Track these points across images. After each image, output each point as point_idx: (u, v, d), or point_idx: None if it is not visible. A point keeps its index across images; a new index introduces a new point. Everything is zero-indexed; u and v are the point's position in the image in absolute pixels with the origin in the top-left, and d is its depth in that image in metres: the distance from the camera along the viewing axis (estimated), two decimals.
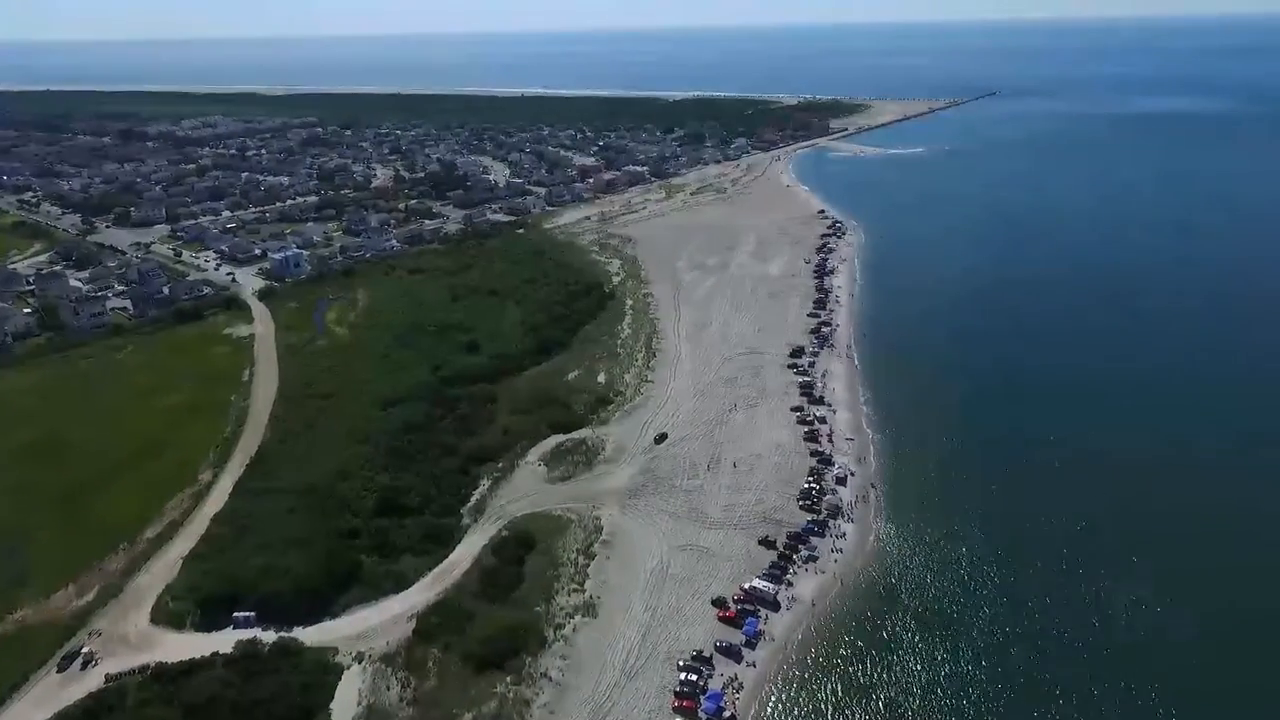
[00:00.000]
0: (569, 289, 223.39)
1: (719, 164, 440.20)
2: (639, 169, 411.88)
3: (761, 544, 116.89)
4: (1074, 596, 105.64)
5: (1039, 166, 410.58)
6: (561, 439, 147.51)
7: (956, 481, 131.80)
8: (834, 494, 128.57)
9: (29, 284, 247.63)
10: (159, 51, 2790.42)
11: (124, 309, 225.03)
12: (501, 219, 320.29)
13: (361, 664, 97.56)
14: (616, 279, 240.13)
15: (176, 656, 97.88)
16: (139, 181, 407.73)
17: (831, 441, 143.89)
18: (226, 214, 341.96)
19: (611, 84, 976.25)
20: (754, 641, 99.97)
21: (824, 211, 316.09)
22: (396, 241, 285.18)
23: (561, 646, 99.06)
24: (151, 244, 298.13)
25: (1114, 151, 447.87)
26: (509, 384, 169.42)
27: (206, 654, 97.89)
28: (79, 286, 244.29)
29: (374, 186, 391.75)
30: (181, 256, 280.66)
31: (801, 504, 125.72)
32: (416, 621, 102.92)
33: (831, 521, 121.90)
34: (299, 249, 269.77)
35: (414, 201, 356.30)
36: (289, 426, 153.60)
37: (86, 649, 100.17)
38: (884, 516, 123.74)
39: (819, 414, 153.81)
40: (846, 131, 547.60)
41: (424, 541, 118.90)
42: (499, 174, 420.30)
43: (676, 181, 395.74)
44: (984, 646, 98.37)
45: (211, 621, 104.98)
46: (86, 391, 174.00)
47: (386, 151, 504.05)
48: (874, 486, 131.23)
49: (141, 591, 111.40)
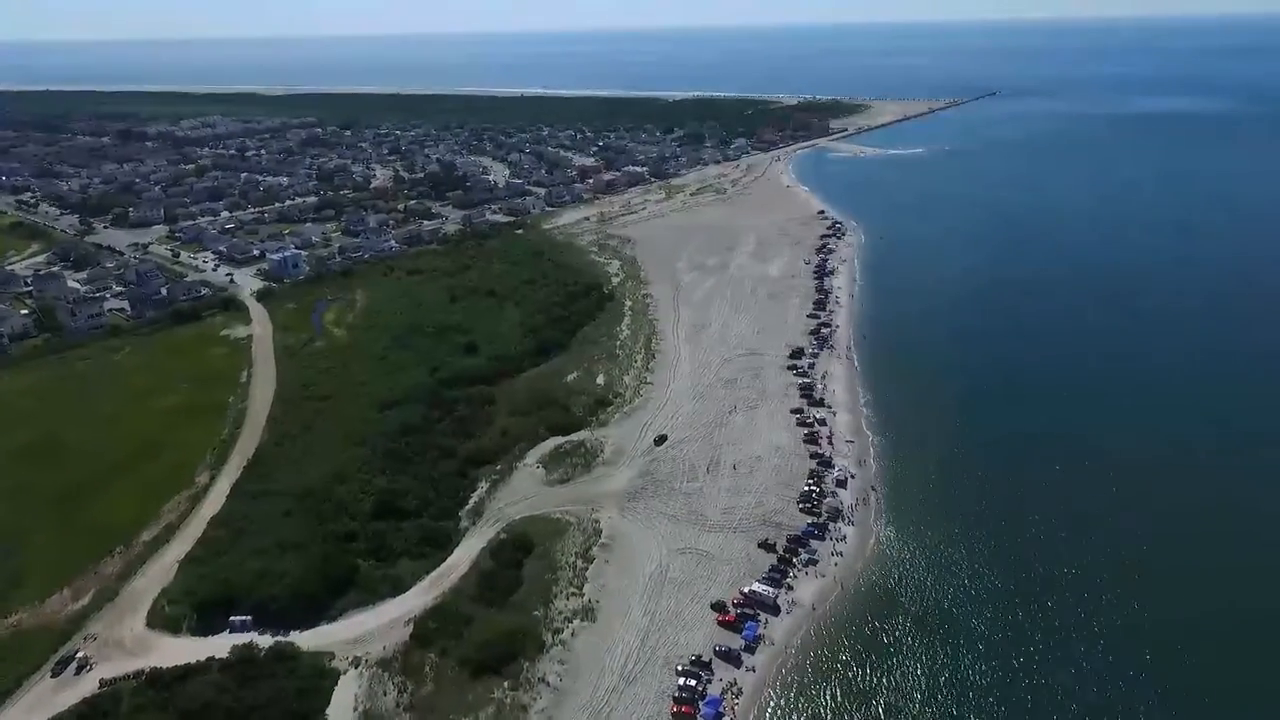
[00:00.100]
0: (568, 290, 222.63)
1: (719, 164, 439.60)
2: (639, 169, 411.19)
3: (761, 547, 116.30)
4: (1075, 600, 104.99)
5: (1039, 167, 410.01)
6: (560, 441, 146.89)
7: (957, 483, 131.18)
8: (834, 497, 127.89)
9: (27, 285, 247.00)
10: (158, 51, 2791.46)
11: (121, 310, 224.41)
12: (500, 219, 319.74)
13: (358, 669, 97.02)
14: (616, 280, 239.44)
15: (172, 661, 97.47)
16: (137, 182, 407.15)
17: (831, 443, 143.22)
18: (225, 214, 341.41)
19: (611, 84, 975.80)
20: (753, 646, 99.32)
21: (824, 212, 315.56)
22: (395, 242, 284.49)
23: (560, 651, 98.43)
24: (150, 244, 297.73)
25: (1114, 152, 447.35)
26: (507, 386, 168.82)
27: (202, 659, 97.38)
28: (77, 287, 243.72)
29: (373, 187, 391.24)
30: (180, 257, 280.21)
31: (801, 507, 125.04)
32: (413, 626, 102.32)
33: (831, 524, 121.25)
34: (297, 250, 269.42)
35: (413, 202, 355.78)
36: (286, 429, 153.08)
37: (81, 653, 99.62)
38: (884, 519, 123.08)
39: (819, 416, 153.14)
40: (846, 132, 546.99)
41: (421, 545, 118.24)
42: (498, 174, 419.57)
43: (676, 182, 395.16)
44: (984, 651, 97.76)
45: (208, 626, 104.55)
46: (83, 393, 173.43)
47: (386, 152, 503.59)
48: (874, 489, 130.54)
49: (137, 595, 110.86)
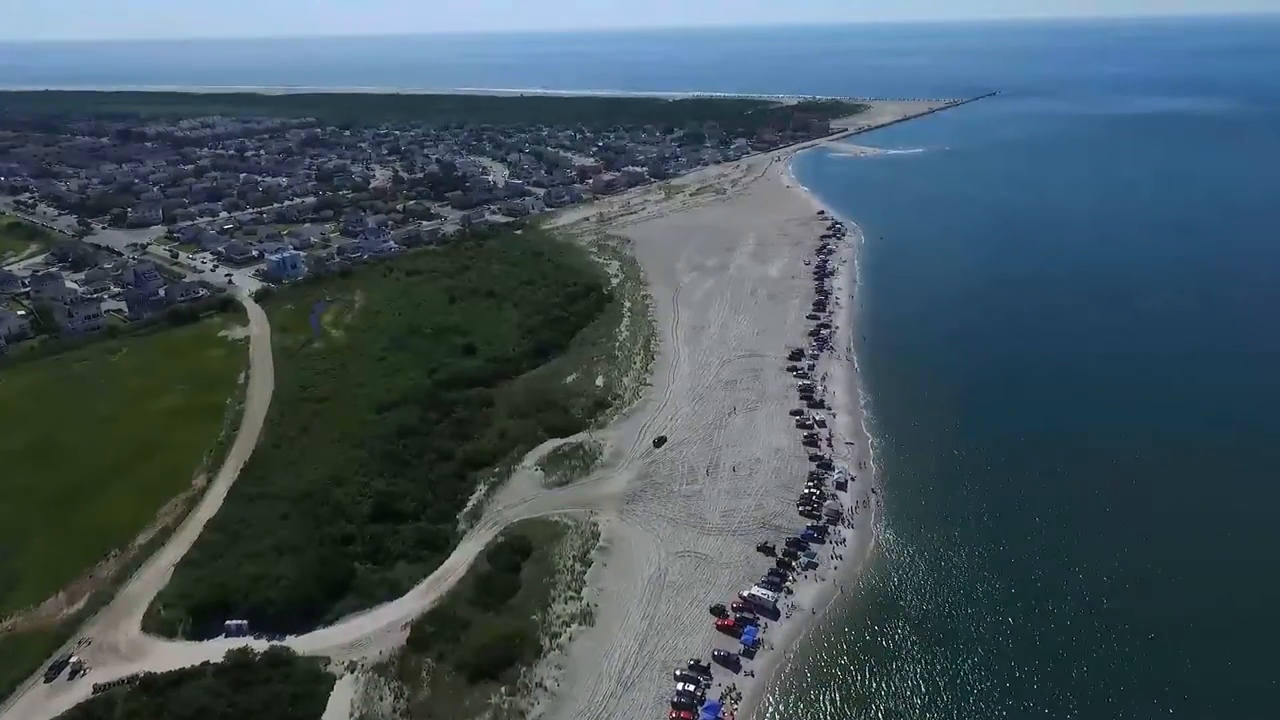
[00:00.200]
0: (567, 291, 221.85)
1: (718, 164, 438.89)
2: (638, 169, 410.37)
3: (760, 550, 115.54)
4: (1076, 604, 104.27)
5: (1039, 167, 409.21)
6: (559, 443, 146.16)
7: (957, 486, 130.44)
8: (834, 499, 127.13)
9: (24, 286, 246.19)
10: (158, 51, 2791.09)
11: (119, 311, 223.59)
12: (500, 220, 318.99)
13: (354, 674, 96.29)
14: (615, 280, 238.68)
15: (167, 666, 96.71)
16: (136, 182, 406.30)
17: (831, 446, 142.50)
18: (224, 215, 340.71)
19: (611, 84, 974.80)
20: (752, 651, 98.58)
21: (824, 212, 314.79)
22: (394, 243, 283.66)
23: (557, 656, 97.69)
24: (148, 245, 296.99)
25: (1114, 152, 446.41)
26: (506, 387, 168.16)
27: (197, 663, 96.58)
28: (74, 288, 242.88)
29: (372, 187, 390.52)
30: (178, 258, 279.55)
31: (801, 509, 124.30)
32: (410, 630, 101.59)
33: (831, 527, 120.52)
34: (296, 250, 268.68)
35: (412, 202, 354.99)
36: (283, 430, 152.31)
37: (75, 658, 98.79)
38: (884, 522, 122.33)
39: (819, 417, 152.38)
40: (846, 132, 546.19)
41: (419, 548, 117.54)
42: (498, 175, 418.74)
43: (676, 182, 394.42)
44: (984, 656, 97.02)
45: (203, 630, 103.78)
46: (80, 395, 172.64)
47: (385, 152, 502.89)
48: (874, 491, 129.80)
49: (133, 599, 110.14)
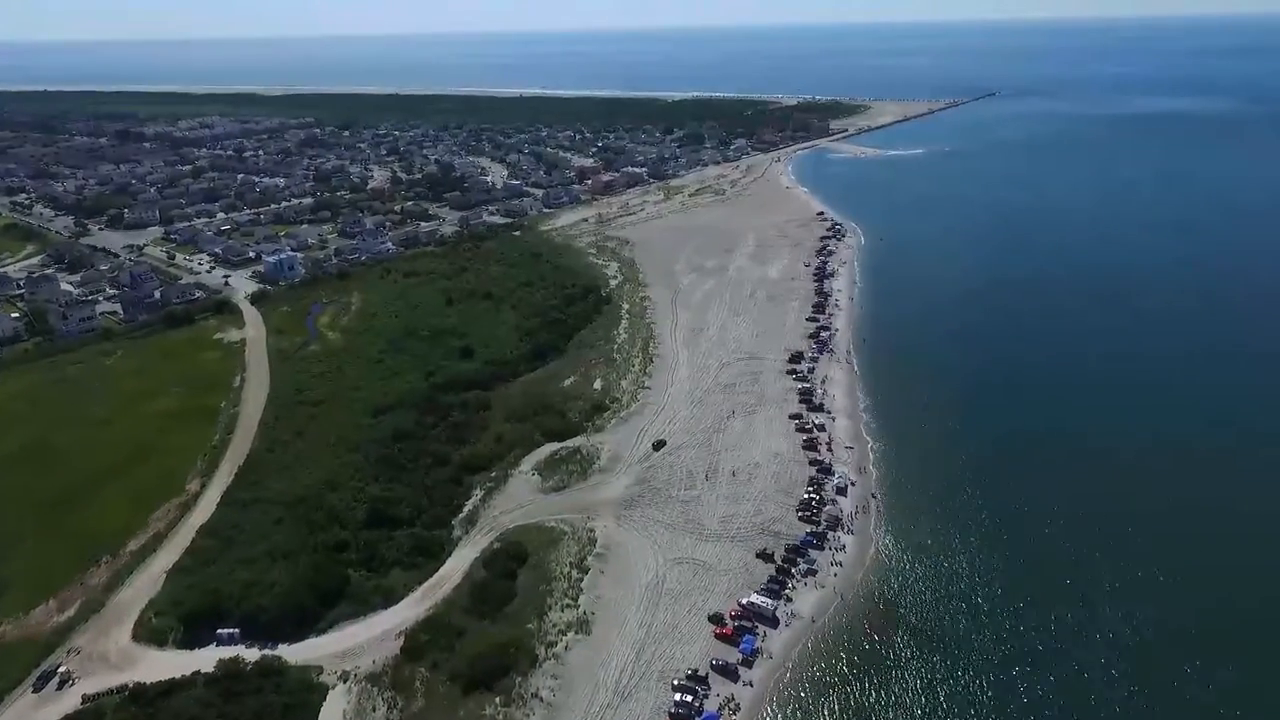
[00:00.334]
0: (565, 292, 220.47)
1: (718, 165, 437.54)
2: (638, 170, 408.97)
3: (759, 557, 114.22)
4: (1077, 610, 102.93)
5: (1039, 167, 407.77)
6: (556, 447, 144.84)
7: (957, 490, 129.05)
8: (834, 504, 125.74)
9: (19, 287, 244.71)
10: (157, 52, 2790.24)
11: (114, 313, 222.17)
12: (498, 221, 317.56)
13: (347, 683, 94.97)
14: (614, 282, 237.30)
15: (157, 676, 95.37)
16: (133, 183, 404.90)
17: (831, 450, 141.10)
18: (221, 216, 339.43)
19: (611, 84, 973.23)
20: (751, 660, 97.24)
21: (823, 213, 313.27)
22: (392, 244, 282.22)
23: (553, 665, 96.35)
24: (145, 246, 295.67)
25: (1114, 152, 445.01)
26: (503, 390, 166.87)
27: (188, 673, 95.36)
28: (70, 290, 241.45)
29: (370, 188, 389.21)
30: (175, 259, 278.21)
31: (800, 515, 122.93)
32: (404, 639, 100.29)
33: (831, 533, 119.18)
34: (293, 252, 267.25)
35: (410, 203, 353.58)
36: (278, 434, 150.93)
37: (64, 668, 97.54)
38: (884, 528, 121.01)
39: (818, 421, 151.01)
40: (846, 132, 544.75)
41: (413, 554, 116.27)
42: (497, 175, 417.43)
43: (675, 183, 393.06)
44: (985, 664, 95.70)
45: (194, 638, 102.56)
46: (74, 397, 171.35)
47: (384, 152, 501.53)
48: (874, 496, 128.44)
49: (124, 607, 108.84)
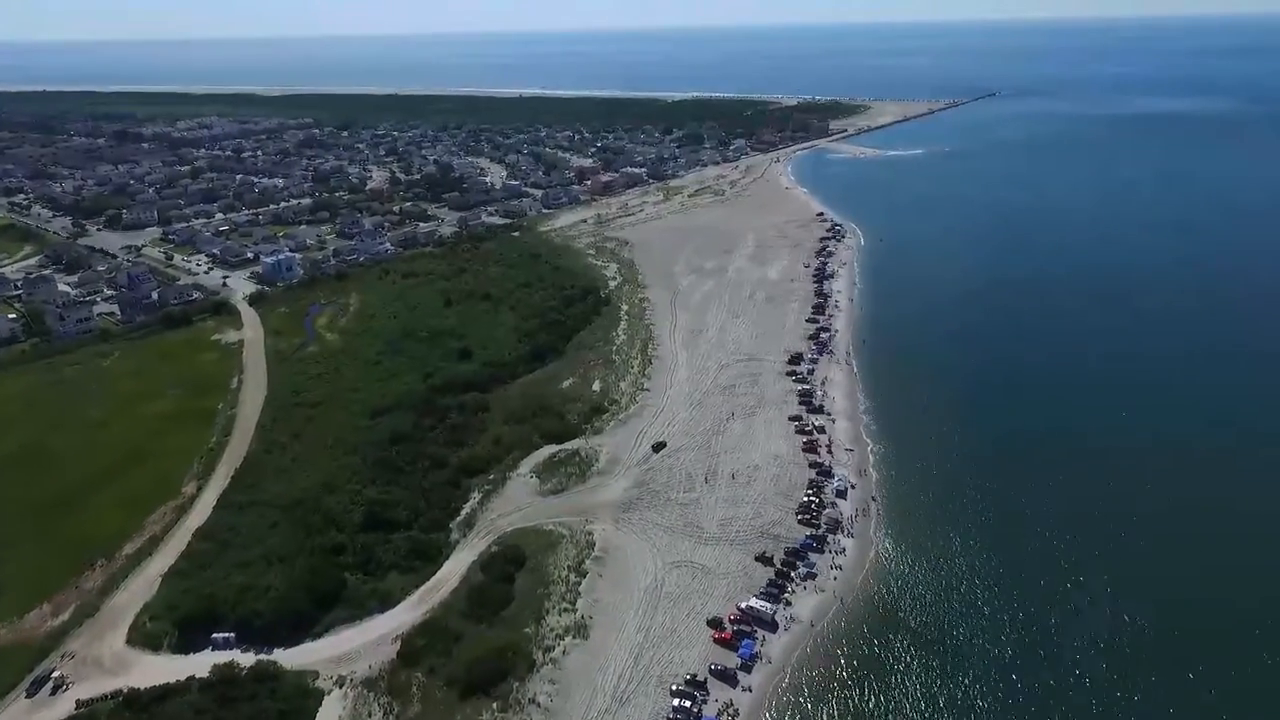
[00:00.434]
0: (564, 294, 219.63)
1: (717, 165, 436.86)
2: (637, 170, 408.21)
3: (759, 560, 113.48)
4: (1078, 614, 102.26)
5: (1039, 168, 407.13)
6: (554, 449, 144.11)
7: (958, 492, 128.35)
8: (833, 507, 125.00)
9: (17, 288, 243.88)
10: (157, 52, 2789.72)
11: (111, 314, 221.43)
12: (497, 221, 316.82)
13: (343, 689, 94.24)
14: (613, 283, 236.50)
15: (151, 681, 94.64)
16: (132, 184, 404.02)
17: (831, 452, 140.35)
18: (219, 216, 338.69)
19: (610, 84, 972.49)
20: (750, 665, 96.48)
21: (823, 214, 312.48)
22: (390, 244, 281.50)
23: (550, 670, 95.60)
24: (142, 247, 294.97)
25: (1114, 152, 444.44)
26: (501, 392, 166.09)
27: (182, 678, 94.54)
28: (67, 291, 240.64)
29: (369, 189, 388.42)
30: (173, 260, 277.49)
31: (800, 518, 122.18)
32: (401, 643, 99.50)
33: (830, 536, 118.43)
34: (291, 252, 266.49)
35: (409, 204, 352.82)
36: (275, 436, 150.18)
37: (57, 673, 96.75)
38: (884, 531, 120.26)
39: (818, 423, 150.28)
40: (846, 133, 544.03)
41: (410, 558, 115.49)
42: (495, 175, 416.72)
43: (675, 183, 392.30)
44: (986, 668, 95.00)
45: (189, 643, 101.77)
46: (70, 399, 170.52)
47: (383, 153, 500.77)
48: (874, 499, 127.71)
49: (118, 611, 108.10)
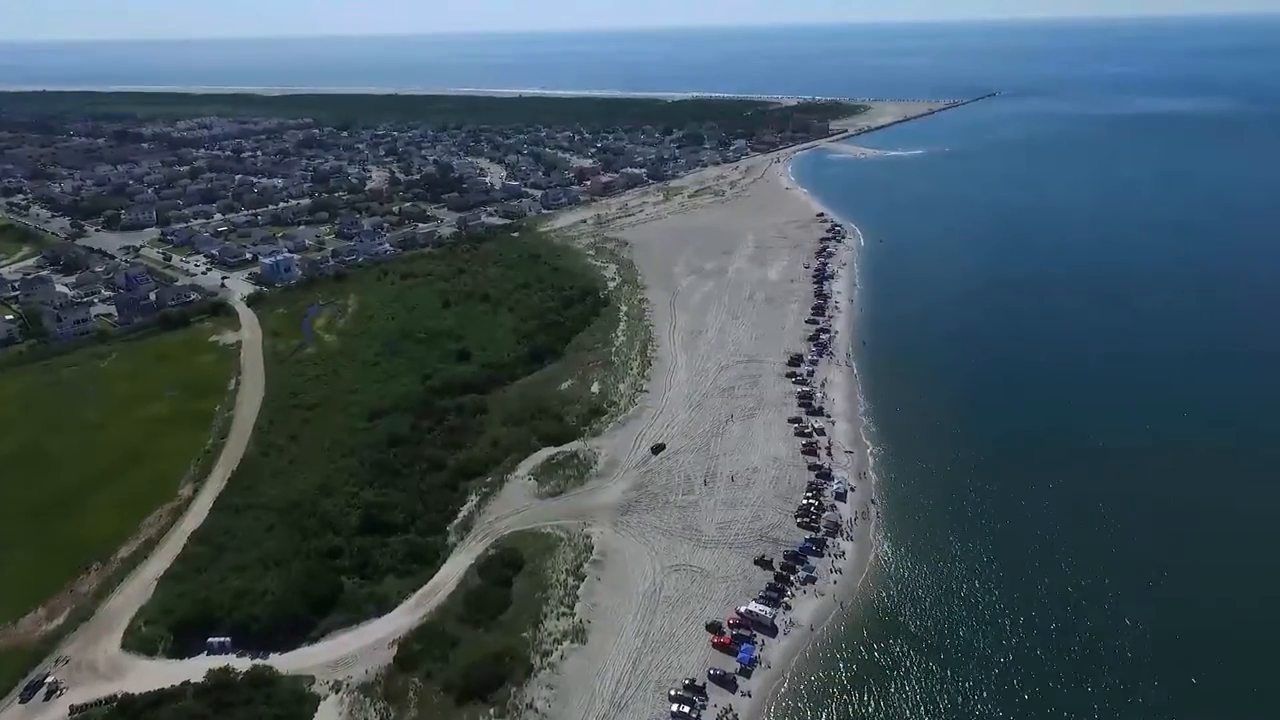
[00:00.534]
0: (563, 294, 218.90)
1: (717, 166, 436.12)
2: (637, 171, 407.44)
3: (758, 564, 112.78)
4: (1080, 618, 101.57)
5: (1039, 168, 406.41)
6: (553, 451, 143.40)
7: (958, 495, 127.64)
8: (833, 510, 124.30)
9: (14, 289, 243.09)
10: (157, 52, 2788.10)
11: (109, 315, 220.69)
12: (496, 222, 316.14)
13: (339, 694, 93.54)
14: (612, 284, 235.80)
15: (146, 686, 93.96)
16: (130, 184, 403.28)
17: (830, 455, 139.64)
18: (218, 217, 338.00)
19: (610, 84, 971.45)
20: (749, 669, 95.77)
21: (823, 215, 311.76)
22: (389, 245, 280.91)
23: (548, 675, 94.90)
24: (141, 247, 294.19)
25: (1114, 152, 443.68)
26: (500, 394, 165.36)
27: (177, 683, 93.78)
28: (65, 292, 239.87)
29: (368, 189, 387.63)
30: (171, 260, 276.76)
31: (799, 521, 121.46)
32: (398, 648, 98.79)
33: (830, 540, 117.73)
34: (290, 253, 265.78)
35: (408, 204, 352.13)
36: (273, 439, 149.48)
37: (52, 677, 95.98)
38: (884, 534, 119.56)
39: (817, 425, 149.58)
40: (846, 133, 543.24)
41: (408, 561, 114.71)
42: (495, 176, 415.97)
43: (674, 184, 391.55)
44: (987, 673, 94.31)
45: (185, 647, 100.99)
46: (67, 401, 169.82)
47: (382, 153, 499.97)
48: (874, 502, 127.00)
49: (113, 615, 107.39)
